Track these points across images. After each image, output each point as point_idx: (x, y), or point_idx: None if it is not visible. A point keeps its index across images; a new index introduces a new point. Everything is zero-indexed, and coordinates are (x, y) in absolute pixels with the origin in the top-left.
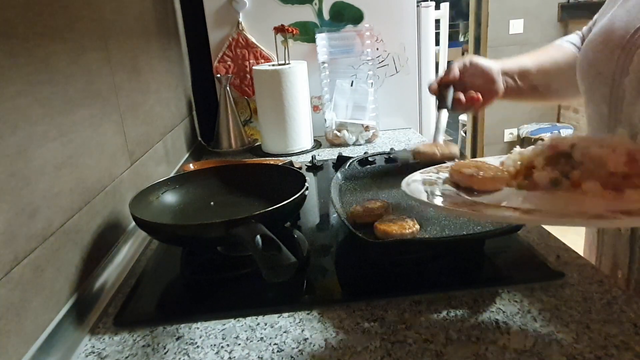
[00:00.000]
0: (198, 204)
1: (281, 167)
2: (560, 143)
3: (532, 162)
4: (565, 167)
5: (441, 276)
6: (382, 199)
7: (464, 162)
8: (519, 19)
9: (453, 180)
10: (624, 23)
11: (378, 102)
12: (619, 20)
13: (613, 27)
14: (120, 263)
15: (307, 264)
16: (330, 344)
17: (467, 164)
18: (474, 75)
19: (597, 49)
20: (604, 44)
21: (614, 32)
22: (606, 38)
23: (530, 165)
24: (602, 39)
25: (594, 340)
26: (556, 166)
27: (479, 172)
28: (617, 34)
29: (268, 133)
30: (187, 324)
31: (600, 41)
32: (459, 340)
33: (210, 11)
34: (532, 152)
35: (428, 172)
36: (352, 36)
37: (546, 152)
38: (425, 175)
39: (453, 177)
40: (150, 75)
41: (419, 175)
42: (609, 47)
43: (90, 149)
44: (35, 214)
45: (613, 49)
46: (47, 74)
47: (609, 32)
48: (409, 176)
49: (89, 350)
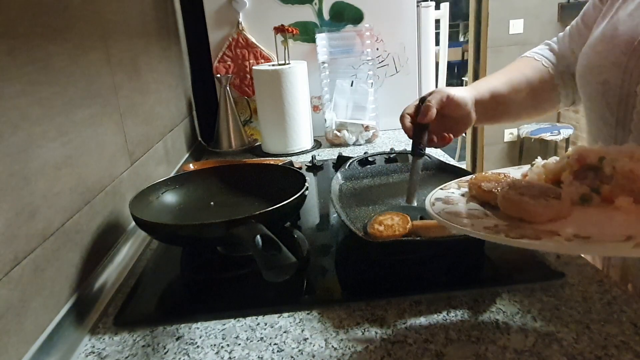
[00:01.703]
0: (198, 204)
1: (281, 167)
2: (587, 156)
3: (557, 176)
4: (594, 181)
5: (441, 276)
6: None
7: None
8: (519, 19)
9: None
10: (629, 28)
11: (378, 102)
12: (623, 24)
13: (617, 33)
14: (120, 263)
15: (307, 264)
16: (330, 344)
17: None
18: (449, 109)
19: (601, 55)
20: (607, 50)
21: (618, 38)
22: (610, 44)
23: (555, 180)
24: (605, 45)
25: (594, 340)
26: (584, 180)
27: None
28: (621, 39)
29: (268, 133)
30: (187, 324)
31: (604, 47)
32: (459, 340)
33: (210, 11)
34: (558, 166)
35: (449, 188)
36: (352, 36)
37: (573, 166)
38: (447, 191)
39: (501, 205)
40: (150, 75)
41: (441, 192)
42: (614, 54)
43: (90, 149)
44: (35, 214)
45: (619, 55)
46: (47, 74)
47: (613, 37)
48: (431, 194)
49: (89, 350)
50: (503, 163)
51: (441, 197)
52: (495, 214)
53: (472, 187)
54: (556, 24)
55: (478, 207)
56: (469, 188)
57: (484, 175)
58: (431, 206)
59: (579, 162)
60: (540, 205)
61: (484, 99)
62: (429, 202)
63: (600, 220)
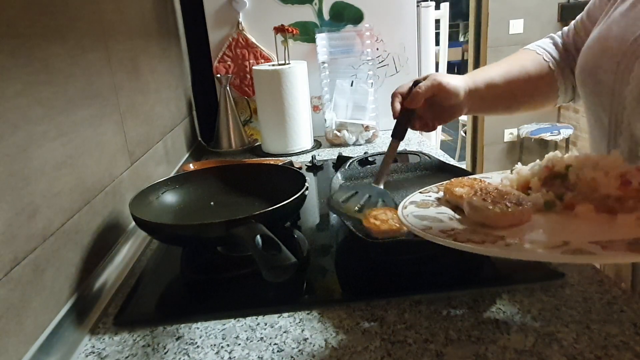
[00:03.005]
0: (198, 204)
1: (281, 167)
2: (556, 163)
3: (528, 182)
4: (560, 188)
5: (441, 276)
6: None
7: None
8: (519, 19)
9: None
10: (622, 30)
11: (378, 102)
12: (616, 26)
13: (610, 33)
14: (120, 263)
15: (307, 264)
16: (330, 344)
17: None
18: (439, 97)
19: (595, 55)
20: (602, 51)
21: (611, 39)
22: (604, 45)
23: (526, 186)
24: (600, 46)
25: (594, 340)
26: (551, 187)
27: (494, 206)
28: (615, 41)
29: (268, 133)
30: (187, 324)
31: (599, 48)
32: (459, 340)
33: (210, 11)
34: (529, 172)
35: (427, 192)
36: (352, 36)
37: (542, 173)
38: (424, 195)
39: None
40: (150, 75)
41: (418, 196)
42: (608, 55)
43: (90, 149)
44: (35, 214)
45: (612, 56)
46: (47, 74)
47: (607, 38)
48: (408, 197)
49: (89, 350)
50: (503, 163)
51: (417, 200)
52: (462, 219)
53: (446, 192)
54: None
55: (447, 211)
56: (443, 192)
57: (460, 180)
58: (403, 209)
59: (547, 169)
60: (498, 210)
61: (480, 88)
62: (401, 205)
63: (557, 227)
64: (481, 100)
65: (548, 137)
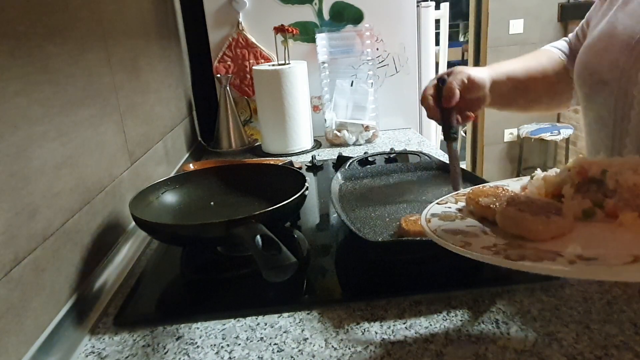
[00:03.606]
0: (198, 204)
1: (281, 167)
2: (589, 168)
3: (558, 189)
4: (596, 195)
5: (441, 276)
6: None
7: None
8: (519, 19)
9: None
10: (627, 27)
11: (378, 102)
12: (621, 24)
13: (615, 32)
14: (120, 263)
15: (307, 264)
16: (330, 344)
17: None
18: (469, 91)
19: (598, 54)
20: (605, 49)
21: (616, 37)
22: (608, 43)
23: (556, 193)
24: (603, 44)
25: (594, 340)
26: (586, 194)
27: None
28: (620, 38)
29: (268, 133)
30: (187, 324)
31: (602, 46)
32: (459, 340)
33: (210, 11)
34: (558, 178)
35: (446, 203)
36: (352, 36)
37: (575, 179)
38: (443, 207)
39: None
40: (150, 75)
41: (437, 207)
42: (612, 53)
43: (90, 149)
44: (35, 214)
45: (617, 55)
46: (47, 74)
47: (611, 36)
48: (427, 209)
49: (89, 350)
50: (503, 163)
51: (438, 212)
52: (493, 231)
53: (469, 202)
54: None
55: (476, 224)
56: (466, 203)
57: (482, 189)
58: (427, 223)
59: (580, 174)
60: (541, 223)
61: (501, 80)
62: (424, 219)
63: (605, 237)
64: (502, 91)
65: (548, 137)
